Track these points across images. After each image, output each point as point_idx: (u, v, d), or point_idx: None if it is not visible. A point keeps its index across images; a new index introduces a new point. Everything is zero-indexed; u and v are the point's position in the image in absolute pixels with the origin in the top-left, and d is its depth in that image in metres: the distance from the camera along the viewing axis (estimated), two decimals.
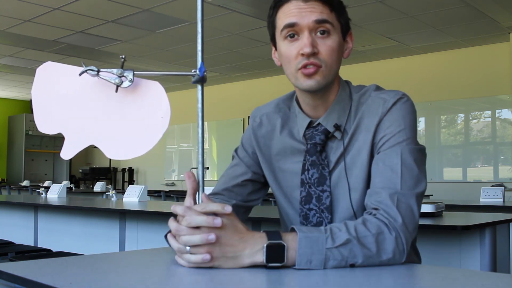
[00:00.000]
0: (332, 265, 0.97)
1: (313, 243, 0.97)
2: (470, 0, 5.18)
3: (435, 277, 0.93)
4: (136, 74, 1.03)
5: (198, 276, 0.94)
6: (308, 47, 1.12)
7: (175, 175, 10.47)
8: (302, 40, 1.14)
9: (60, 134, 1.06)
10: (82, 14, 5.73)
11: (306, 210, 1.23)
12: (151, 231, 3.11)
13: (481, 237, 2.01)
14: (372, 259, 1.00)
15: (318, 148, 1.21)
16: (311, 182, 1.22)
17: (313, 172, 1.22)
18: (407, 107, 1.19)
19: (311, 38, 1.13)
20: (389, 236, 1.02)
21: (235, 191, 1.31)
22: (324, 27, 1.14)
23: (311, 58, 1.13)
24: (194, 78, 1.04)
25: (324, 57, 1.14)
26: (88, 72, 1.02)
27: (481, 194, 4.15)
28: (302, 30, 1.14)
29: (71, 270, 0.97)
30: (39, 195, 5.12)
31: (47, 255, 2.98)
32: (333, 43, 1.15)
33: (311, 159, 1.22)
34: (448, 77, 7.03)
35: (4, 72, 8.93)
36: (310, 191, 1.23)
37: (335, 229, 1.01)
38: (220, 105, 9.39)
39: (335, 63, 1.17)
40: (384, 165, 1.13)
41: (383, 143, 1.16)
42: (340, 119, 1.21)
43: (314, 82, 1.15)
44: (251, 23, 5.99)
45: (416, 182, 1.12)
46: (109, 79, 1.02)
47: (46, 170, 11.88)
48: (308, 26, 1.13)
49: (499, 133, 6.91)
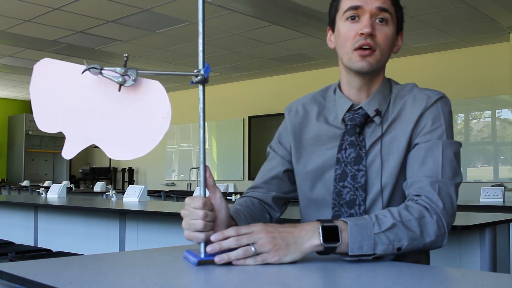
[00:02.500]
0: (381, 249, 1.04)
1: (362, 229, 1.04)
2: (470, 0, 5.18)
3: (435, 277, 0.93)
4: (140, 74, 1.03)
5: (198, 276, 0.94)
6: (368, 28, 1.21)
7: (175, 175, 10.47)
8: (362, 22, 1.22)
9: (60, 133, 1.05)
10: (82, 14, 5.73)
11: (340, 187, 1.27)
12: (151, 231, 3.11)
13: (481, 237, 2.01)
14: (417, 241, 1.08)
15: (357, 129, 1.27)
16: (348, 161, 1.27)
17: (351, 152, 1.27)
18: (449, 106, 1.28)
19: (371, 21, 1.22)
20: (431, 219, 1.10)
21: (273, 183, 1.37)
22: (384, 15, 1.23)
23: (368, 38, 1.21)
24: (197, 78, 1.04)
25: (379, 42, 1.23)
26: (91, 70, 1.02)
27: (481, 194, 4.15)
28: (364, 13, 1.23)
29: (71, 270, 0.97)
30: (39, 195, 5.12)
31: (47, 255, 2.98)
32: (389, 31, 1.24)
33: (350, 139, 1.27)
34: (448, 77, 7.03)
35: (4, 72, 8.94)
36: (345, 170, 1.27)
37: (380, 215, 1.08)
38: (220, 105, 9.39)
39: (387, 50, 1.26)
40: (426, 156, 1.20)
41: (425, 133, 1.23)
42: (381, 106, 1.28)
43: (366, 64, 1.23)
44: (251, 23, 5.99)
45: (454, 173, 1.19)
46: (112, 78, 1.01)
47: (46, 170, 11.88)
48: (370, 10, 1.22)
49: (499, 133, 6.91)
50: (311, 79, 8.19)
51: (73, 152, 1.03)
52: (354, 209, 1.24)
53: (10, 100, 11.77)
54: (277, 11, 5.57)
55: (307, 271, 0.96)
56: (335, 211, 1.26)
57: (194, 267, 0.99)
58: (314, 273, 0.95)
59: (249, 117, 9.24)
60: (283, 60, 7.77)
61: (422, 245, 1.09)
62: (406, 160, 1.24)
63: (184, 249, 1.12)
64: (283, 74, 8.72)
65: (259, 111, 8.94)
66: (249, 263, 1.00)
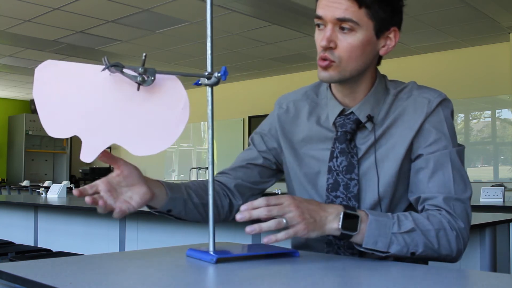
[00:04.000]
0: (395, 249, 1.05)
1: (381, 226, 1.05)
2: (470, 0, 5.18)
3: (435, 277, 0.93)
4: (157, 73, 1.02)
5: (198, 276, 0.94)
6: (324, 41, 1.15)
7: (175, 175, 10.47)
8: (324, 32, 1.16)
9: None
10: (82, 14, 5.73)
11: (332, 197, 1.24)
12: (151, 231, 3.11)
13: (481, 237, 2.01)
14: (432, 251, 1.08)
15: (348, 136, 1.23)
16: (339, 169, 1.23)
17: (342, 160, 1.23)
18: (450, 109, 1.24)
19: (331, 33, 1.15)
20: (451, 233, 1.10)
21: (240, 171, 1.34)
22: (346, 24, 1.14)
23: (326, 52, 1.16)
24: (209, 81, 1.05)
25: (340, 53, 1.16)
26: (110, 69, 1.00)
27: (481, 194, 4.15)
28: (326, 23, 1.16)
29: (71, 270, 0.97)
30: (39, 195, 5.11)
31: (47, 255, 2.98)
32: (354, 40, 1.15)
33: (341, 147, 1.23)
34: (448, 77, 7.02)
35: (4, 72, 8.93)
36: (337, 179, 1.24)
37: (401, 216, 1.09)
38: (220, 105, 9.36)
39: (355, 59, 1.17)
40: (436, 169, 1.17)
41: (430, 144, 1.19)
42: (373, 110, 1.23)
43: (326, 75, 1.18)
44: (251, 23, 5.99)
45: (466, 185, 1.18)
46: (132, 78, 1.00)
47: (46, 170, 11.87)
48: (331, 21, 1.15)
49: (499, 133, 6.91)
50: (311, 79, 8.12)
51: (92, 154, 0.98)
52: None
53: (10, 100, 11.76)
54: (277, 11, 5.57)
55: (308, 270, 0.96)
56: None
57: (194, 267, 0.99)
58: (314, 272, 0.94)
59: (249, 117, 9.24)
60: (283, 60, 7.77)
61: (437, 255, 1.10)
62: (403, 168, 1.20)
63: (185, 249, 1.12)
64: (283, 74, 8.72)
65: (259, 111, 8.93)
66: (281, 238, 1.01)
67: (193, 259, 1.06)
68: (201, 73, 1.06)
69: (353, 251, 1.20)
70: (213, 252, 1.03)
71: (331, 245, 1.24)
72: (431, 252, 1.08)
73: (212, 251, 1.03)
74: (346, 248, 1.21)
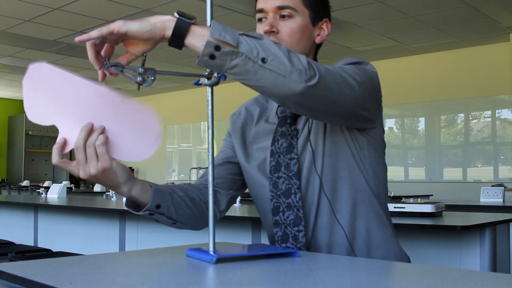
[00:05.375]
0: (244, 49, 0.95)
1: (226, 27, 0.97)
2: (470, 0, 5.18)
3: (435, 277, 0.93)
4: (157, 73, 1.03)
5: (198, 276, 0.94)
6: (267, 26, 1.26)
7: (175, 175, 10.47)
8: (266, 21, 1.28)
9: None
10: (82, 14, 5.73)
11: (275, 178, 1.29)
12: (151, 231, 3.11)
13: (481, 237, 2.02)
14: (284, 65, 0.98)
15: (288, 120, 1.30)
16: (280, 151, 1.29)
17: (282, 142, 1.29)
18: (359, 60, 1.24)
19: (272, 20, 1.27)
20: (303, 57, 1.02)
21: (221, 169, 1.38)
22: (286, 11, 1.27)
23: (270, 36, 1.25)
24: (210, 81, 1.05)
25: (283, 37, 1.26)
26: (110, 69, 1.01)
27: (481, 194, 4.15)
28: (267, 14, 1.28)
29: (71, 270, 0.97)
30: (39, 195, 5.12)
31: (47, 255, 2.98)
32: (293, 24, 1.28)
33: (281, 130, 1.30)
34: (448, 77, 7.02)
35: (4, 72, 8.93)
36: (279, 160, 1.29)
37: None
38: (220, 105, 9.36)
39: (297, 43, 1.27)
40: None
41: None
42: None
43: None
44: (251, 23, 5.98)
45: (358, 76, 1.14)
46: (132, 77, 1.01)
47: (46, 170, 11.87)
48: (271, 10, 1.27)
49: (499, 133, 6.91)
50: None
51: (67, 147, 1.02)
52: (290, 198, 1.26)
53: (10, 100, 11.77)
54: None
55: (308, 270, 0.96)
56: (274, 203, 1.28)
57: (194, 267, 0.99)
58: (314, 272, 0.95)
59: None
60: None
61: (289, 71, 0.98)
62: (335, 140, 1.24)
63: (185, 249, 1.12)
64: None
65: None
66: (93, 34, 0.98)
67: (193, 259, 1.06)
68: (201, 73, 1.06)
69: (299, 228, 1.23)
70: (213, 252, 1.03)
71: (278, 225, 1.27)
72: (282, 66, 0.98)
73: (212, 251, 1.04)
74: (292, 226, 1.25)
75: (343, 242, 1.24)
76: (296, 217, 1.25)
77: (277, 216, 1.27)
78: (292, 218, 1.25)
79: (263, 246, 1.18)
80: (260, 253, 1.13)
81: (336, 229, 1.24)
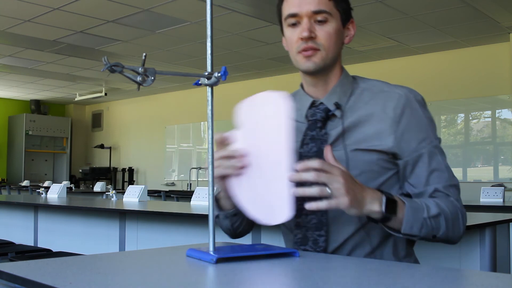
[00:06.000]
0: (424, 233, 1.16)
1: (415, 211, 1.15)
2: (470, 0, 5.18)
3: (435, 277, 0.93)
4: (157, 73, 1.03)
5: (198, 276, 0.94)
6: (306, 32, 1.25)
7: (175, 175, 10.47)
8: (301, 26, 1.26)
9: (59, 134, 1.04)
10: (82, 14, 5.73)
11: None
12: (151, 231, 3.11)
13: (481, 237, 2.01)
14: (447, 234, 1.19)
15: (318, 124, 1.30)
16: (309, 155, 1.28)
17: (312, 146, 1.29)
18: (422, 100, 1.32)
19: (309, 25, 1.26)
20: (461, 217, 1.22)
21: None
22: (321, 16, 1.26)
23: (309, 42, 1.26)
24: (210, 81, 1.05)
25: (321, 41, 1.26)
26: (110, 68, 1.01)
27: (481, 194, 4.15)
28: (302, 19, 1.27)
29: (71, 270, 0.97)
30: (39, 195, 5.12)
31: (47, 255, 2.98)
32: (330, 28, 1.27)
33: (311, 134, 1.30)
34: (448, 77, 7.02)
35: (4, 72, 8.93)
36: None
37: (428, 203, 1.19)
38: (220, 105, 9.37)
39: (333, 47, 1.28)
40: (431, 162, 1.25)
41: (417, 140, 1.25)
42: (341, 99, 1.31)
43: (311, 64, 1.27)
44: (251, 23, 5.99)
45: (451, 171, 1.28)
46: (131, 77, 1.01)
47: (46, 170, 11.88)
48: (306, 15, 1.26)
49: (499, 133, 6.91)
50: None
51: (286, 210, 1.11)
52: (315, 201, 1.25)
53: (10, 100, 11.77)
54: None
55: (307, 270, 0.96)
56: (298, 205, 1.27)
57: (194, 267, 0.99)
58: (314, 273, 0.95)
59: None
60: (283, 60, 7.76)
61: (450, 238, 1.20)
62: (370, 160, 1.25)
63: (185, 249, 1.12)
64: (283, 74, 8.72)
65: None
66: (321, 207, 1.07)
67: (193, 259, 1.06)
68: (201, 73, 1.06)
69: (320, 232, 1.24)
70: (213, 252, 1.03)
71: (299, 228, 1.27)
72: (445, 234, 1.18)
73: (212, 251, 1.04)
74: (313, 230, 1.25)
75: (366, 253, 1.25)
76: (318, 222, 1.25)
77: (300, 218, 1.27)
78: (314, 222, 1.25)
79: (263, 246, 1.17)
80: (260, 253, 1.13)
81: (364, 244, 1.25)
